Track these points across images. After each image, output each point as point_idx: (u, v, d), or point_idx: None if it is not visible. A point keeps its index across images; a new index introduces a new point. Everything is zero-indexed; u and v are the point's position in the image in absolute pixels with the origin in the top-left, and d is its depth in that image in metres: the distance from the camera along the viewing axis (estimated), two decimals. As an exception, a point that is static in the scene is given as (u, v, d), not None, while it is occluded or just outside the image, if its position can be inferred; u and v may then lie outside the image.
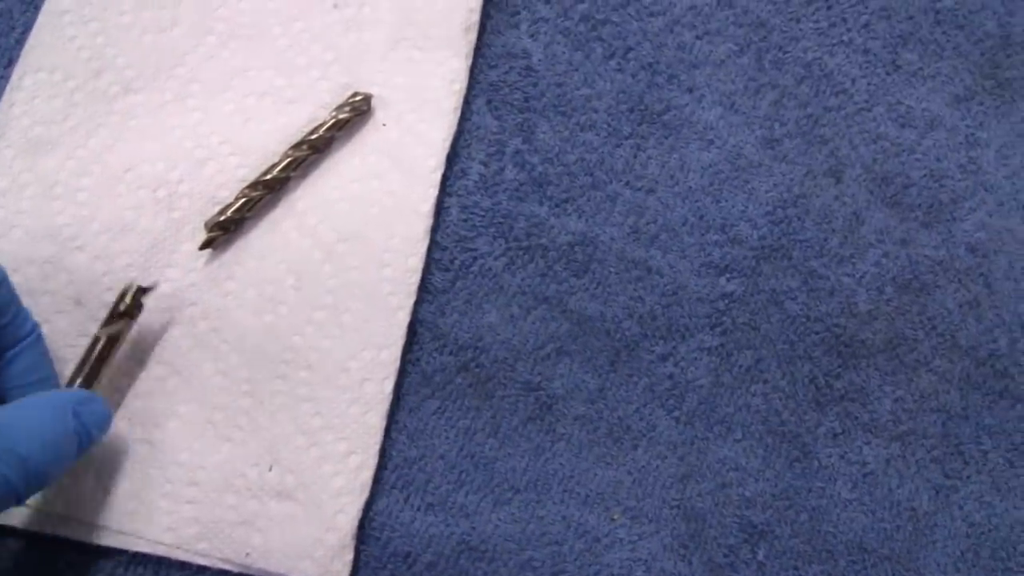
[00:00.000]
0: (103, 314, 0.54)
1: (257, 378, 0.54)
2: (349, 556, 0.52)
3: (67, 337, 0.54)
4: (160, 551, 0.51)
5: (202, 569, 0.52)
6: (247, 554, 0.51)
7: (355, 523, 0.52)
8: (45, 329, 0.53)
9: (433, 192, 0.58)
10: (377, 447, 0.54)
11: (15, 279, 0.54)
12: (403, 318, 0.56)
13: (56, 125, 0.57)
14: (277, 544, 0.52)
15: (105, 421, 0.49)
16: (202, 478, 0.52)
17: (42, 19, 0.59)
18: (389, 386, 0.55)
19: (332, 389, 0.54)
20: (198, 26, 0.60)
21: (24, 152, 0.57)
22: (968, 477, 0.57)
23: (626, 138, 0.61)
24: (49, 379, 0.50)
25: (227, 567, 0.52)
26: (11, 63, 0.59)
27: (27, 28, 0.60)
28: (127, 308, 0.52)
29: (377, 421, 0.54)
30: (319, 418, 0.54)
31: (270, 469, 0.53)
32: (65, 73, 0.59)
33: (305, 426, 0.54)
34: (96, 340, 0.52)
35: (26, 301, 0.53)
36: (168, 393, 0.54)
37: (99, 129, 0.58)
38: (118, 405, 0.53)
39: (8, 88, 0.58)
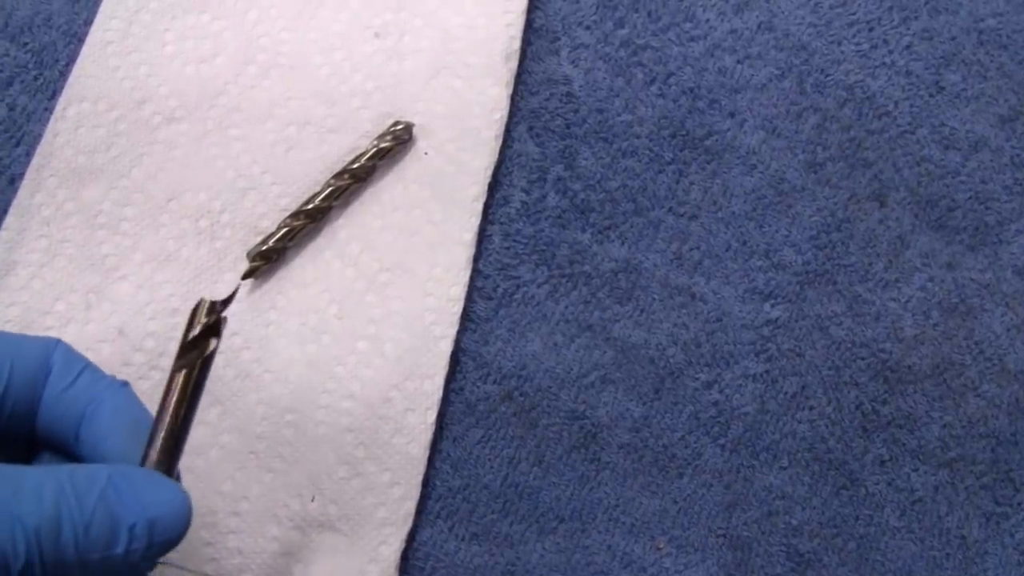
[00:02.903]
0: (148, 344, 0.53)
1: (299, 408, 0.53)
2: (392, 587, 0.50)
3: (111, 367, 0.52)
4: (203, 583, 0.50)
5: (245, 601, 0.50)
6: (288, 586, 0.50)
7: (398, 554, 0.51)
8: (89, 358, 0.51)
9: (475, 221, 0.56)
10: (420, 478, 0.52)
11: (58, 307, 0.53)
12: (446, 348, 0.54)
13: (100, 154, 0.56)
14: (320, 574, 0.50)
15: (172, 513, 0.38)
16: (245, 508, 0.51)
17: (86, 50, 0.58)
18: (432, 416, 0.53)
19: (375, 419, 0.53)
20: (239, 56, 0.59)
21: (68, 181, 0.55)
22: (1019, 504, 0.55)
23: (668, 164, 0.59)
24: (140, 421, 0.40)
25: (269, 600, 0.50)
26: (55, 95, 0.58)
27: (70, 61, 0.58)
28: (208, 325, 0.40)
29: (420, 452, 0.52)
30: (362, 448, 0.52)
31: (313, 500, 0.51)
32: (109, 103, 0.57)
33: (348, 457, 0.52)
34: (172, 380, 0.39)
35: (69, 329, 0.53)
36: (210, 423, 0.52)
37: (142, 159, 0.56)
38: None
39: (52, 118, 0.57)
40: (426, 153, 0.57)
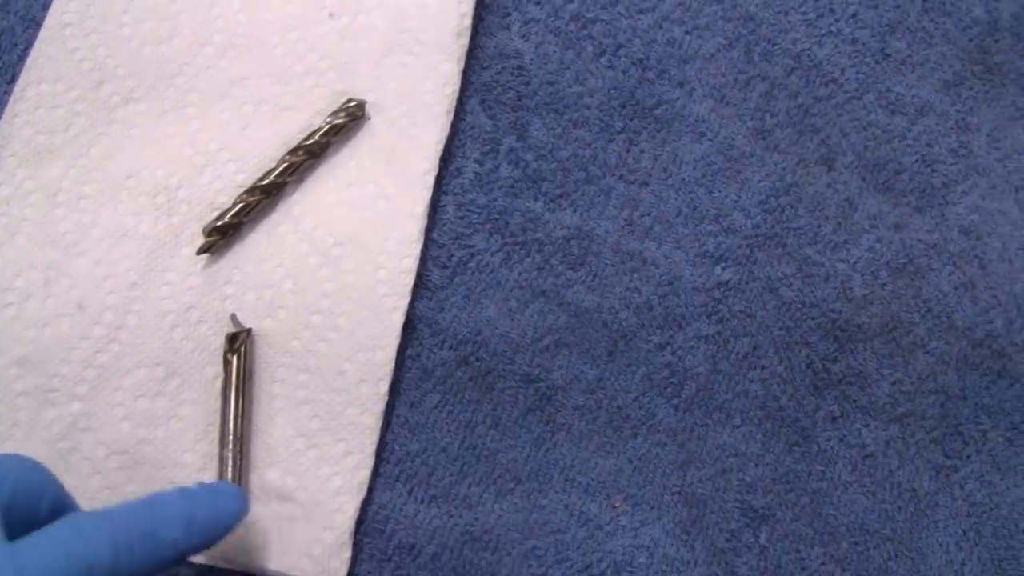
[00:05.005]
0: (106, 317, 0.52)
1: (256, 382, 0.52)
2: (347, 554, 0.49)
3: (70, 340, 0.51)
4: (162, 550, 0.49)
5: (202, 568, 0.49)
6: (246, 553, 0.49)
7: (352, 522, 0.50)
8: (48, 332, 0.51)
9: (426, 195, 0.55)
10: (373, 447, 0.51)
11: (18, 284, 0.52)
12: (398, 319, 0.53)
13: (59, 134, 0.55)
14: (276, 544, 0.49)
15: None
16: (204, 480, 0.50)
17: (44, 32, 0.57)
18: (384, 387, 0.52)
19: (329, 392, 0.52)
20: (196, 37, 0.58)
21: (27, 161, 0.55)
22: (968, 457, 0.54)
23: (618, 133, 0.58)
24: None
25: (226, 566, 0.49)
26: (14, 79, 0.57)
27: (29, 45, 0.57)
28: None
29: (373, 422, 0.52)
30: (317, 420, 0.51)
31: (270, 471, 0.50)
32: (67, 84, 0.56)
33: (304, 428, 0.51)
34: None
35: (29, 305, 0.52)
36: (170, 394, 0.51)
37: (100, 138, 0.55)
38: (121, 404, 0.51)
39: (11, 99, 0.56)
40: (379, 129, 0.56)
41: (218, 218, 0.53)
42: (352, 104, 0.56)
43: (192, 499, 0.42)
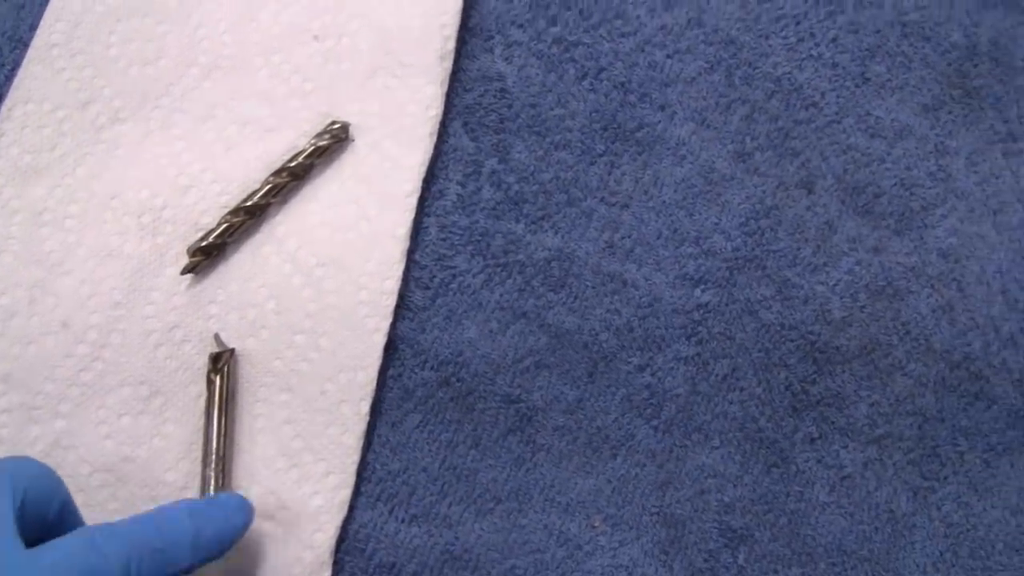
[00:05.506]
0: (90, 336, 0.52)
1: (239, 401, 0.52)
2: (326, 574, 0.50)
3: (54, 358, 0.52)
4: (143, 569, 0.49)
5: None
6: (227, 572, 0.49)
7: (333, 541, 0.50)
8: (32, 350, 0.52)
9: (409, 216, 0.56)
10: (354, 467, 0.52)
11: (3, 302, 0.53)
12: (379, 340, 0.53)
13: (45, 154, 0.56)
14: (257, 563, 0.49)
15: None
16: (187, 498, 0.50)
17: (32, 53, 0.58)
18: (366, 407, 0.52)
19: (310, 411, 0.52)
20: (182, 58, 0.58)
21: (13, 180, 0.55)
22: (945, 478, 0.55)
23: (600, 156, 0.59)
24: None
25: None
26: (1, 98, 0.57)
27: (16, 65, 0.58)
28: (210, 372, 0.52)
29: (354, 442, 0.52)
30: (299, 440, 0.52)
31: (252, 490, 0.51)
32: (54, 104, 0.57)
33: (285, 448, 0.51)
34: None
35: (14, 323, 0.52)
36: (153, 412, 0.52)
37: (86, 158, 0.56)
38: (104, 422, 0.51)
39: (-1, 119, 0.56)
40: (362, 151, 0.57)
41: (202, 238, 0.54)
42: (336, 126, 0.56)
43: (199, 516, 0.44)
